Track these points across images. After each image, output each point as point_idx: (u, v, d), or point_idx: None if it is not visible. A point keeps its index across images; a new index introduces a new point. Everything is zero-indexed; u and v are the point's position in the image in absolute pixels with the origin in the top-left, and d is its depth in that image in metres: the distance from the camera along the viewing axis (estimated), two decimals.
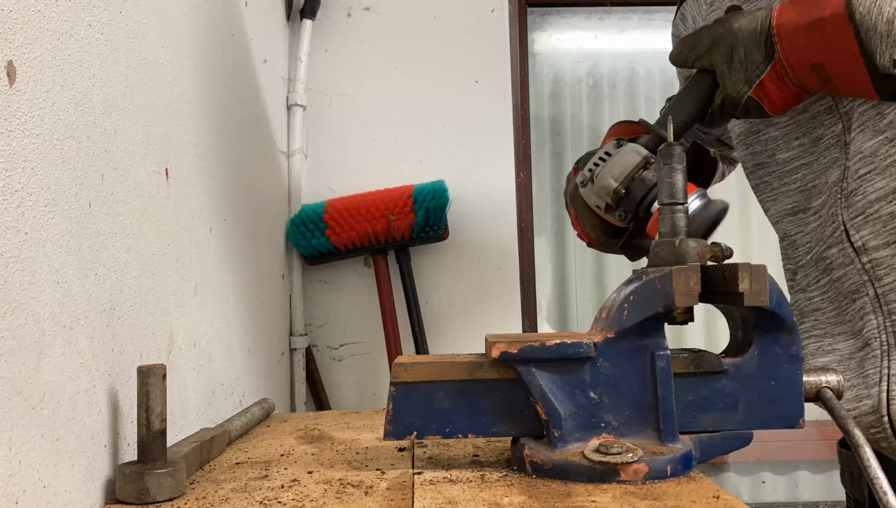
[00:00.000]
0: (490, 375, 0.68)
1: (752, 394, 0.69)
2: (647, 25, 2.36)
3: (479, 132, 1.86)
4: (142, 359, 0.75)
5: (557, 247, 2.32)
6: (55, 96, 0.58)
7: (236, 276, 1.16)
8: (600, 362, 0.67)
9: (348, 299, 1.83)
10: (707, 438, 0.69)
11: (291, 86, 1.80)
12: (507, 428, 0.69)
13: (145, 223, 0.77)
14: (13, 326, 0.51)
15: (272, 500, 0.64)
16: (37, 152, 0.55)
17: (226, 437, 0.86)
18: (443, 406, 0.68)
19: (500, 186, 1.86)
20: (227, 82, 1.15)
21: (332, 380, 1.82)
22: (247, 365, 1.22)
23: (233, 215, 1.15)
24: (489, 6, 1.89)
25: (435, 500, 0.60)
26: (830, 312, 0.86)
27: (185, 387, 0.88)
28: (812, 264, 0.87)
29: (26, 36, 0.54)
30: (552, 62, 2.35)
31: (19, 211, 0.53)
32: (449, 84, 1.87)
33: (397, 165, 1.83)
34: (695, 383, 0.69)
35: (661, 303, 0.66)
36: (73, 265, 0.60)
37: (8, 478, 0.50)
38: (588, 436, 0.67)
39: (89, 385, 0.63)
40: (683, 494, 0.60)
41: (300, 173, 1.79)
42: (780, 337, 0.68)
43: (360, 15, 1.88)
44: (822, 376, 0.70)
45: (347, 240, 1.70)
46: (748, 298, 0.64)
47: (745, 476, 2.31)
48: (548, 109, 2.35)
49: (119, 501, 0.64)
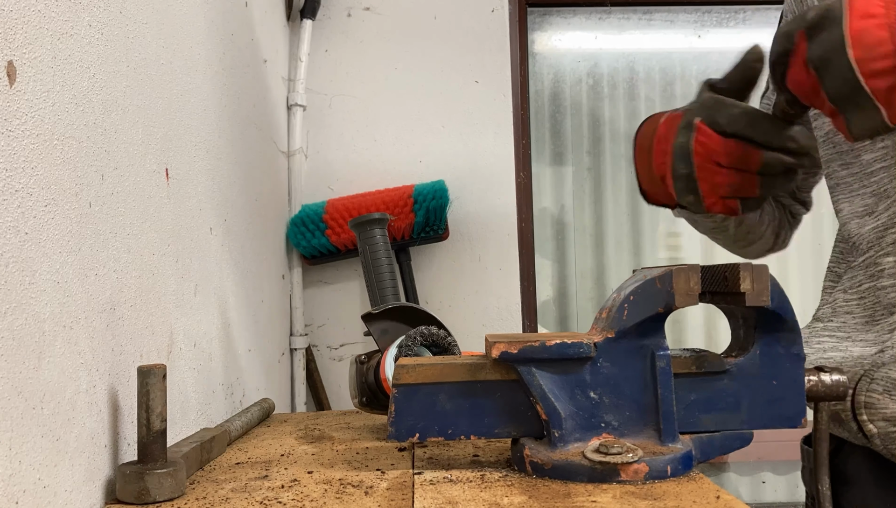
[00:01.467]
0: (491, 376, 0.68)
1: (754, 394, 0.69)
2: (647, 25, 2.36)
3: (479, 132, 1.86)
4: (142, 359, 0.74)
5: (557, 247, 2.32)
6: (55, 96, 0.58)
7: (236, 276, 1.16)
8: (600, 362, 0.67)
9: (348, 299, 1.83)
10: (707, 438, 0.69)
11: (291, 86, 1.81)
12: (508, 429, 0.69)
13: (145, 223, 0.77)
14: (13, 326, 0.51)
15: (272, 500, 0.64)
16: (37, 152, 0.55)
17: (226, 437, 0.86)
18: (445, 408, 0.68)
19: (500, 186, 1.86)
20: (227, 82, 1.15)
21: (332, 380, 1.82)
22: (247, 365, 1.22)
23: (233, 215, 1.15)
24: (489, 6, 1.89)
25: (435, 500, 0.60)
26: (861, 317, 0.84)
27: (185, 387, 0.88)
28: (863, 268, 0.85)
29: (26, 36, 0.54)
30: (552, 62, 2.35)
31: (19, 211, 0.53)
32: (449, 84, 1.87)
33: (397, 165, 1.83)
34: (697, 383, 0.69)
35: (661, 303, 0.66)
36: (73, 265, 0.60)
37: (8, 478, 0.50)
38: (588, 436, 0.67)
39: (89, 385, 0.63)
40: (684, 494, 0.60)
41: (300, 173, 1.79)
42: (782, 337, 0.68)
43: (360, 15, 1.88)
44: (828, 377, 0.70)
45: (347, 240, 1.70)
46: (750, 298, 0.64)
47: (745, 476, 2.31)
48: (548, 109, 2.35)
49: (119, 501, 0.64)
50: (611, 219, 2.31)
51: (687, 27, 2.38)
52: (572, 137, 2.34)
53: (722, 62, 2.38)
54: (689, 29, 2.38)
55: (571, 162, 2.33)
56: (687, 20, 2.38)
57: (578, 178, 2.33)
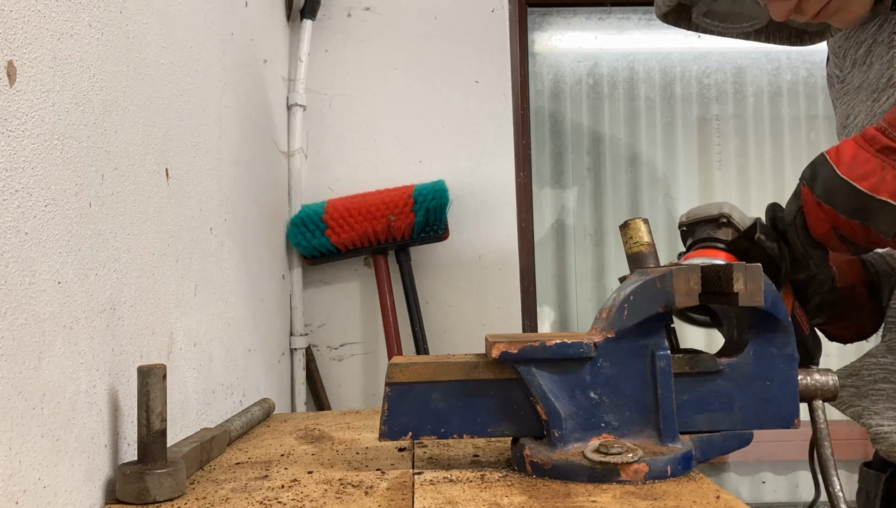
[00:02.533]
0: (486, 375, 0.68)
1: (747, 394, 0.69)
2: (647, 25, 2.36)
3: (479, 132, 1.86)
4: (142, 359, 0.74)
5: (557, 247, 2.32)
6: (55, 96, 0.58)
7: (236, 276, 1.16)
8: (600, 362, 0.67)
9: (348, 299, 1.83)
10: (707, 438, 0.69)
11: (291, 86, 1.80)
12: (503, 429, 0.69)
13: (145, 223, 0.77)
14: (13, 326, 0.51)
15: (272, 500, 0.64)
16: (37, 152, 0.55)
17: (226, 437, 0.86)
18: (438, 407, 0.68)
19: (500, 186, 1.86)
20: (227, 82, 1.15)
21: (332, 380, 1.82)
22: (247, 365, 1.22)
23: (233, 215, 1.15)
24: (489, 6, 1.89)
25: (435, 500, 0.60)
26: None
27: (185, 387, 0.88)
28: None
29: (26, 36, 0.54)
30: (552, 62, 2.35)
31: (19, 211, 0.53)
32: (449, 84, 1.87)
33: (397, 165, 1.83)
34: (690, 383, 0.69)
35: (661, 303, 0.66)
36: (73, 265, 0.60)
37: (8, 478, 0.50)
38: (588, 436, 0.67)
39: (89, 385, 0.63)
40: (684, 494, 0.60)
41: (300, 173, 1.79)
42: (776, 337, 0.68)
43: (360, 15, 1.88)
44: (820, 376, 0.70)
45: (347, 240, 1.70)
46: (743, 298, 0.64)
47: (745, 476, 2.31)
48: (548, 109, 2.35)
49: (119, 501, 0.64)
50: (611, 219, 2.31)
51: None
52: (572, 137, 2.34)
53: (722, 62, 2.39)
54: None
55: (571, 162, 2.33)
56: None
57: (578, 178, 2.33)
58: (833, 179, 0.74)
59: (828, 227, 0.76)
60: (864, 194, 0.72)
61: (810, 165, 0.78)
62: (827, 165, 0.75)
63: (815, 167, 0.77)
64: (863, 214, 0.72)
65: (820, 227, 0.77)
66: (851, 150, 0.74)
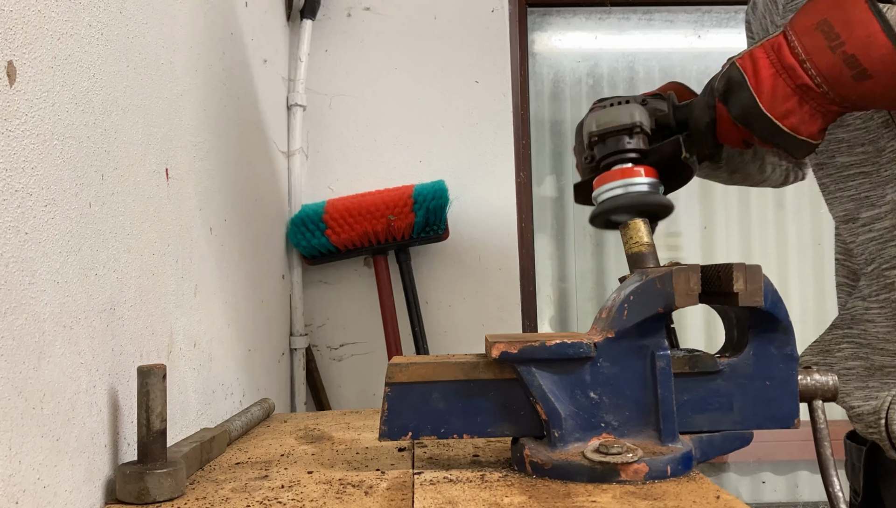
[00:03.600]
0: (486, 375, 0.68)
1: (747, 394, 0.69)
2: (647, 25, 2.36)
3: (479, 132, 1.86)
4: (142, 359, 0.74)
5: (557, 247, 2.32)
6: (55, 96, 0.58)
7: (236, 276, 1.16)
8: (600, 362, 0.68)
9: (348, 299, 1.83)
10: (707, 438, 0.69)
11: (291, 86, 1.80)
12: (502, 429, 0.69)
13: (145, 223, 0.77)
14: (13, 326, 0.51)
15: (272, 500, 0.64)
16: (37, 152, 0.55)
17: (226, 437, 0.86)
18: (438, 407, 0.68)
19: (500, 186, 1.86)
20: (227, 82, 1.15)
21: (332, 380, 1.82)
22: (247, 365, 1.22)
23: (233, 215, 1.15)
24: (489, 6, 1.89)
25: (435, 500, 0.60)
26: (883, 327, 0.85)
27: (185, 387, 0.88)
28: (874, 277, 0.86)
29: (26, 36, 0.54)
30: (552, 62, 2.35)
31: (19, 211, 0.53)
32: (449, 84, 1.87)
33: (397, 165, 1.83)
34: (690, 383, 0.69)
35: (661, 303, 0.66)
36: (73, 265, 0.60)
37: (8, 478, 0.50)
38: (588, 436, 0.67)
39: (89, 385, 0.63)
40: (684, 494, 0.60)
41: (300, 173, 1.79)
42: (776, 337, 0.68)
43: (360, 15, 1.88)
44: (820, 376, 0.70)
45: (347, 240, 1.70)
46: (743, 298, 0.64)
47: (745, 476, 2.31)
48: (548, 109, 2.35)
49: (119, 501, 0.64)
50: None
51: (687, 27, 2.38)
52: (572, 138, 2.34)
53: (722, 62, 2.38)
54: (688, 29, 2.38)
55: (571, 162, 2.33)
56: (687, 20, 2.38)
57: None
58: (754, 109, 0.74)
59: (739, 140, 0.80)
60: (785, 131, 0.74)
61: (724, 79, 0.78)
62: (746, 91, 0.75)
63: (729, 83, 0.77)
64: (778, 141, 0.75)
65: (731, 139, 0.81)
66: (770, 77, 0.74)
